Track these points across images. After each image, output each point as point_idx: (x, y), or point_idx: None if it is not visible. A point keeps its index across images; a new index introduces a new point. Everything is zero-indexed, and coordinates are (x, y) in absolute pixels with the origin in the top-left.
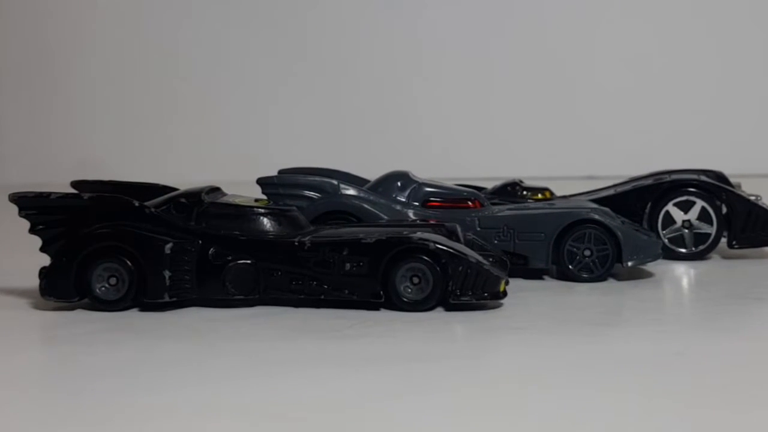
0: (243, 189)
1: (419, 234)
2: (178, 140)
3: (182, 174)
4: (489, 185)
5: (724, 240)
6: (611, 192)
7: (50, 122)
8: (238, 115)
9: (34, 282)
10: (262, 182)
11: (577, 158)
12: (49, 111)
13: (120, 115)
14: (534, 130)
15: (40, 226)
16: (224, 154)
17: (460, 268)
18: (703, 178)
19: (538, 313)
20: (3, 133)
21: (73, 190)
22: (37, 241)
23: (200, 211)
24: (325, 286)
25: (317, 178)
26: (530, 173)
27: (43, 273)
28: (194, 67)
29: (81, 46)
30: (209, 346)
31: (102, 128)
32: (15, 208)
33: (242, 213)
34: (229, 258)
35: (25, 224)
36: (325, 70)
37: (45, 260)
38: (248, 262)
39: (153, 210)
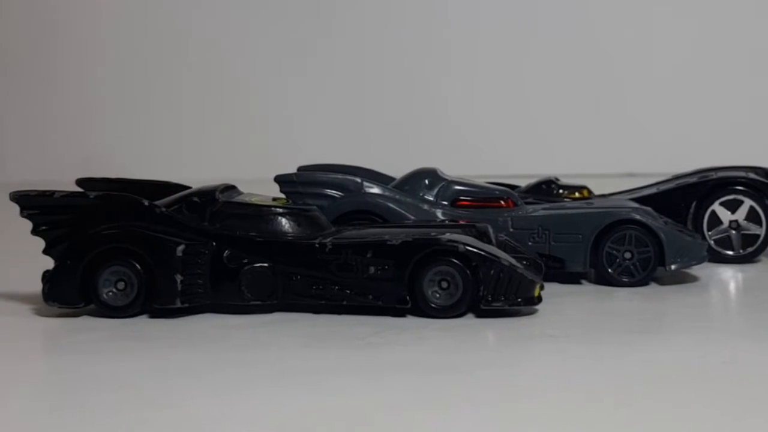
0: (260, 187)
1: (448, 235)
2: (190, 135)
3: (195, 171)
4: (522, 183)
5: None
6: (653, 190)
7: (53, 116)
8: (254, 109)
9: (37, 286)
10: (281, 180)
11: (616, 154)
12: (52, 104)
13: (128, 109)
14: (570, 124)
15: (43, 227)
16: (239, 150)
17: (492, 272)
18: (752, 175)
19: (575, 320)
20: (3, 128)
21: (78, 189)
22: (40, 243)
23: (214, 210)
24: (348, 291)
25: (339, 176)
26: (566, 170)
27: (47, 277)
28: (207, 58)
29: (86, 37)
30: (223, 355)
31: (109, 123)
32: (16, 208)
33: (259, 213)
34: (245, 261)
35: (27, 225)
36: (347, 61)
37: (48, 263)
38: (265, 265)
39: (164, 210)
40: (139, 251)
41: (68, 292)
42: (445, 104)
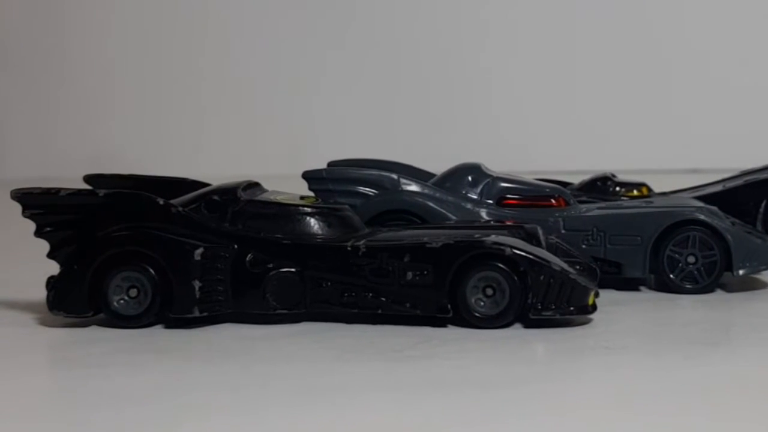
0: (286, 184)
1: (493, 237)
2: (209, 128)
3: (214, 167)
4: (576, 180)
5: None
6: (719, 188)
7: (59, 108)
8: (279, 99)
9: (41, 294)
10: (309, 176)
11: (678, 148)
12: (57, 95)
13: (141, 100)
14: (628, 116)
15: (48, 228)
16: (263, 144)
17: (542, 278)
18: None
19: (634, 331)
20: (5, 121)
21: (86, 186)
22: (45, 246)
23: (236, 210)
24: (383, 299)
25: (374, 172)
26: (624, 166)
27: (52, 283)
28: (227, 44)
29: (95, 23)
30: (245, 370)
31: (120, 115)
32: (18, 208)
33: (285, 212)
34: (270, 265)
35: (30, 226)
36: (382, 48)
37: (53, 268)
38: (292, 270)
39: (181, 209)
40: (154, 255)
41: (75, 300)
42: (489, 94)
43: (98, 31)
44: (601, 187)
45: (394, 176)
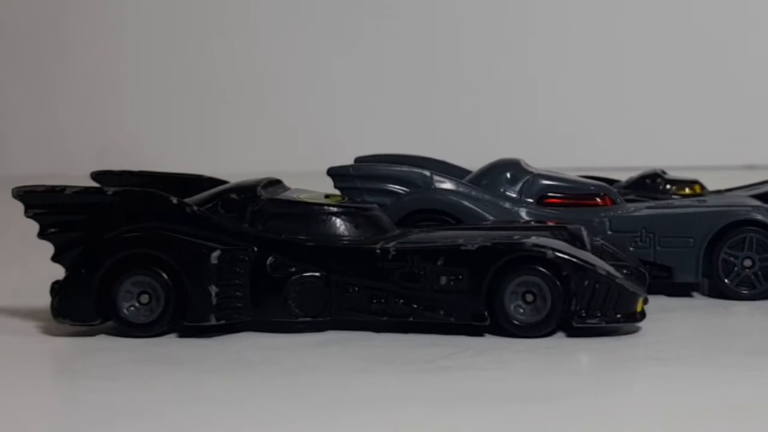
0: (310, 182)
1: (534, 239)
2: (227, 121)
3: (233, 163)
4: (623, 177)
5: None
6: None
7: (64, 99)
8: (302, 90)
9: (45, 300)
10: (335, 173)
11: (733, 143)
12: (62, 85)
13: (152, 91)
14: (680, 108)
15: (52, 229)
16: (285, 139)
17: (587, 283)
18: None
19: (686, 340)
20: (5, 112)
21: (93, 184)
22: (49, 248)
23: (256, 209)
24: (415, 306)
25: (404, 168)
26: (675, 162)
27: (57, 289)
28: (246, 31)
29: (103, 6)
30: (267, 383)
31: (130, 107)
32: (20, 207)
33: (309, 212)
34: (293, 270)
35: (33, 227)
36: (413, 37)
37: (58, 272)
38: (316, 275)
39: (196, 208)
40: (167, 258)
41: (82, 306)
42: (530, 84)
43: (107, 13)
44: (650, 184)
45: (427, 173)
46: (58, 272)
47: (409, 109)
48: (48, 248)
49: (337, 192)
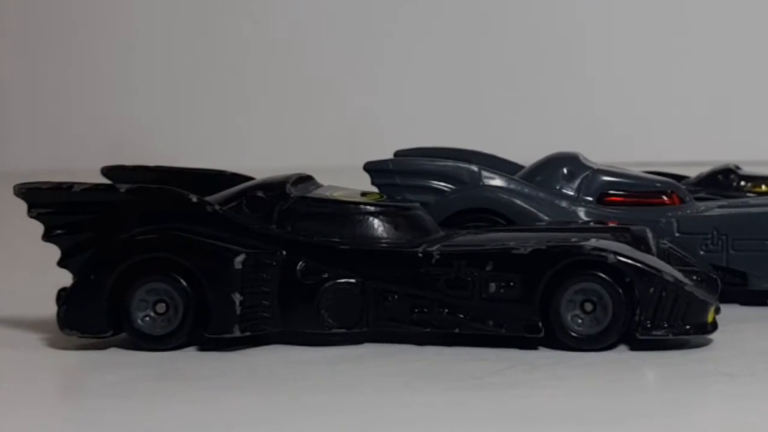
0: (345, 178)
1: (593, 241)
2: (252, 111)
3: (259, 157)
4: (692, 173)
5: None
6: None
7: (72, 88)
8: (335, 77)
9: (51, 310)
10: (373, 168)
11: None
12: (69, 73)
13: (169, 78)
14: (754, 98)
15: (59, 231)
16: (317, 131)
17: (652, 290)
18: None
19: (762, 354)
20: (7, 103)
21: (104, 180)
22: (55, 252)
23: (285, 209)
24: (461, 316)
25: (449, 163)
26: (750, 156)
27: (63, 297)
28: (273, 11)
29: None
30: (296, 401)
31: (144, 96)
32: (23, 206)
33: (344, 212)
34: (326, 275)
35: (38, 228)
36: (458, 16)
37: (65, 278)
38: (352, 281)
39: (218, 208)
40: (185, 263)
41: (91, 317)
42: (588, 71)
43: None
44: (722, 181)
45: (474, 168)
46: (65, 278)
47: (455, 97)
48: (54, 252)
49: (374, 189)
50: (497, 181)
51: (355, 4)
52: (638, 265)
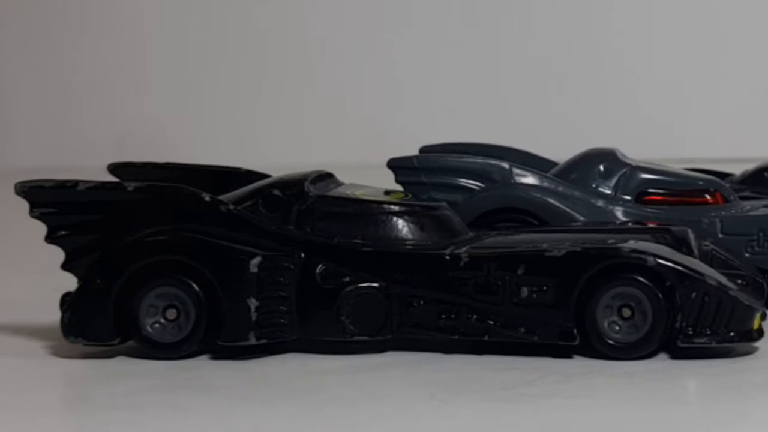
0: (367, 175)
1: (632, 243)
2: (268, 104)
3: (275, 154)
4: (737, 170)
5: None
6: None
7: (76, 80)
8: (357, 69)
9: (54, 316)
10: (397, 165)
11: None
12: (74, 64)
13: (179, 70)
14: None
15: (62, 232)
16: (337, 125)
17: (694, 295)
18: None
19: None
20: (8, 95)
21: (111, 178)
22: (59, 254)
23: (303, 208)
24: (491, 322)
25: (479, 160)
26: None
27: (68, 302)
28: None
29: None
30: (316, 413)
31: (153, 89)
32: (25, 205)
33: (366, 212)
34: (347, 279)
35: (41, 228)
36: (488, 7)
37: (70, 282)
38: (375, 285)
39: (232, 207)
40: (198, 266)
41: (98, 323)
42: (623, 63)
43: None
44: None
45: (505, 165)
46: (70, 282)
47: (484, 90)
48: (57, 254)
49: (399, 188)
50: (529, 179)
51: None
52: (679, 268)
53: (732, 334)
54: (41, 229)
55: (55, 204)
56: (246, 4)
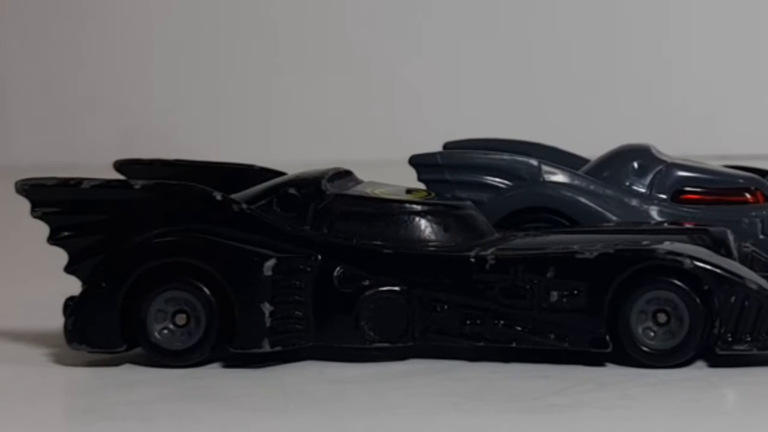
0: (387, 173)
1: (667, 244)
2: (282, 98)
3: (290, 150)
4: None
5: None
6: None
7: (81, 75)
8: (376, 60)
9: (57, 321)
10: (419, 162)
11: None
12: (79, 59)
13: (188, 61)
14: None
15: (66, 233)
16: (355, 120)
17: (734, 299)
18: None
19: None
20: (9, 89)
21: (117, 176)
22: (62, 256)
23: (320, 207)
24: (518, 328)
25: (506, 156)
26: None
27: (71, 307)
28: None
29: None
30: (334, 424)
31: (161, 83)
32: (26, 204)
33: (386, 211)
34: (366, 283)
35: (43, 229)
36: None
37: (73, 286)
38: (396, 289)
39: (245, 207)
40: (208, 268)
41: (103, 329)
42: (662, 53)
43: None
44: None
45: (534, 162)
46: (73, 286)
47: (511, 82)
48: (60, 256)
49: (421, 186)
50: (559, 177)
51: None
52: (718, 271)
53: None
54: (43, 229)
55: (58, 203)
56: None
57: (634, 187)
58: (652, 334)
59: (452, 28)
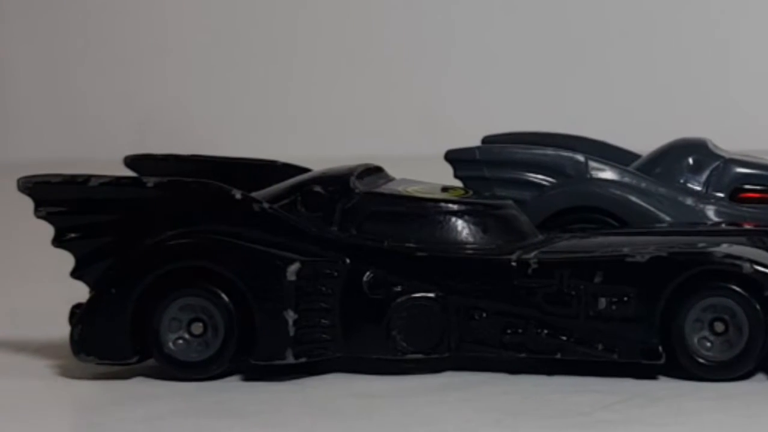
0: (421, 170)
1: (725, 247)
2: (307, 88)
3: (315, 145)
4: None
5: None
6: None
7: (89, 65)
8: (410, 49)
9: (63, 331)
10: (456, 158)
11: None
12: (86, 47)
13: (205, 49)
14: None
15: (72, 235)
16: (387, 113)
17: None
18: None
19: None
20: (12, 80)
21: (129, 172)
22: (68, 259)
23: (348, 207)
24: (563, 338)
25: (549, 152)
26: None
27: (78, 315)
28: None
29: None
30: None
31: (175, 71)
32: (29, 203)
33: (420, 211)
34: (398, 289)
35: (47, 230)
36: None
37: (80, 292)
38: (431, 296)
39: (267, 206)
40: (227, 273)
41: (113, 339)
42: (716, 41)
43: None
44: None
45: (580, 158)
46: (81, 292)
47: (554, 72)
48: (67, 259)
49: (458, 183)
50: (608, 174)
51: None
52: None
53: None
54: (48, 231)
55: (64, 202)
56: None
57: (689, 185)
58: (708, 344)
59: (491, 11)
